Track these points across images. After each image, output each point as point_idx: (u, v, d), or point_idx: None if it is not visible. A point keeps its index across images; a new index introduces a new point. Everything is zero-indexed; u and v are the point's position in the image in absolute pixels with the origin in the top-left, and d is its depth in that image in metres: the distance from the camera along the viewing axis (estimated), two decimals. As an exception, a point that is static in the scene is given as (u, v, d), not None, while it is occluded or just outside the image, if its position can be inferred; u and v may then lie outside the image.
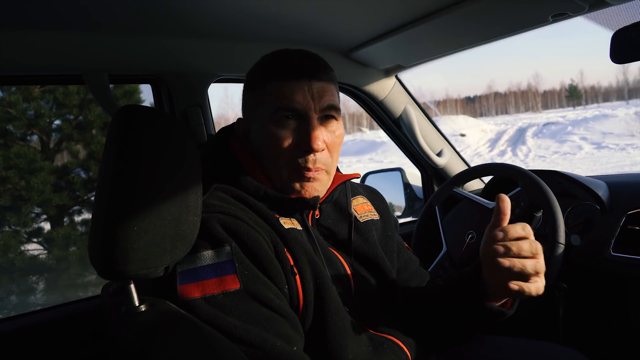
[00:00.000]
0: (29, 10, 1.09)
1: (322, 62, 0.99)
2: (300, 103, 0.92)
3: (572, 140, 21.60)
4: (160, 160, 0.77)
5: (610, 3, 1.14)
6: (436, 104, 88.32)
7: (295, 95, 0.92)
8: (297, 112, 0.92)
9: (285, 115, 0.93)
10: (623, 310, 1.41)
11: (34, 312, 1.30)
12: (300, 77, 0.93)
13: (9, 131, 6.64)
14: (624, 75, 77.31)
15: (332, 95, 0.96)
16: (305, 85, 0.93)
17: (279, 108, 0.92)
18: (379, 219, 1.14)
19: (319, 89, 0.94)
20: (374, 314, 1.00)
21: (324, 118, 0.96)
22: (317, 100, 0.93)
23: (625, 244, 1.36)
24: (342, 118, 1.02)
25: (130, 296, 0.76)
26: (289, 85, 0.93)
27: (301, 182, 0.95)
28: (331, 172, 0.99)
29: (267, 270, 0.84)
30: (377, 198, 1.19)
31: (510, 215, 1.39)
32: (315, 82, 0.94)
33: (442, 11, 1.28)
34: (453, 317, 1.00)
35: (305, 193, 0.95)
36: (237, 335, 0.78)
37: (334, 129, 0.97)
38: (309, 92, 0.93)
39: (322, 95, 0.94)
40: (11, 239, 6.34)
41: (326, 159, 0.96)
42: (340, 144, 1.00)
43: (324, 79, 0.95)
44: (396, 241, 1.16)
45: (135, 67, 1.37)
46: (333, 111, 0.96)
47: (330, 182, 1.01)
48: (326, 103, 0.94)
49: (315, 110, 0.93)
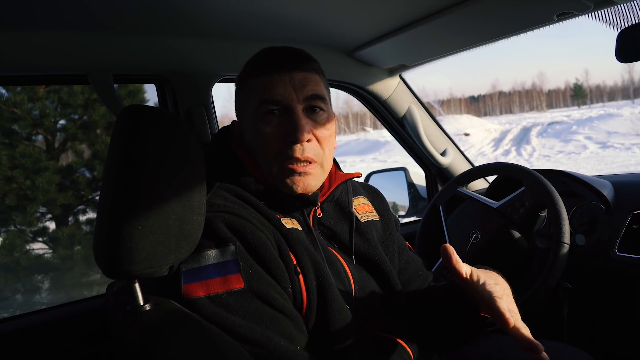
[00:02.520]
0: (33, 11, 1.09)
1: (303, 53, 0.98)
2: (282, 94, 0.91)
3: (577, 140, 21.51)
4: (165, 159, 0.77)
5: (615, 2, 1.14)
6: (440, 103, 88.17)
7: (277, 88, 0.92)
8: (279, 104, 0.92)
9: (270, 110, 0.92)
10: (628, 310, 1.41)
11: (38, 311, 1.31)
12: (281, 68, 0.92)
13: (14, 131, 6.69)
14: (630, 75, 77.06)
15: (315, 85, 0.94)
16: (287, 77, 0.92)
17: (261, 102, 0.92)
18: (379, 220, 1.13)
19: (301, 79, 0.93)
20: (376, 314, 1.00)
21: (310, 110, 0.94)
22: (299, 90, 0.92)
23: (631, 244, 1.35)
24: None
25: (135, 295, 0.76)
26: (270, 77, 0.92)
27: (292, 177, 0.93)
28: (325, 166, 0.97)
29: (271, 269, 0.84)
30: (377, 198, 1.18)
31: (514, 215, 1.40)
32: (297, 73, 0.93)
33: (446, 10, 1.28)
34: (448, 322, 1.01)
35: (298, 188, 0.94)
36: (241, 334, 0.78)
37: (322, 120, 0.95)
38: (290, 83, 0.92)
39: (304, 85, 0.93)
40: (16, 238, 6.38)
41: (316, 150, 0.94)
42: (331, 136, 0.98)
43: (306, 69, 0.95)
44: (397, 241, 1.14)
45: (140, 67, 1.37)
46: (318, 100, 0.94)
47: (325, 176, 0.99)
48: (309, 92, 0.93)
49: (298, 100, 0.92)
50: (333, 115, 1.01)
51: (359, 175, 1.08)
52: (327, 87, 1.01)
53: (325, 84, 1.00)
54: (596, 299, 1.48)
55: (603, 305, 1.47)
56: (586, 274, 1.42)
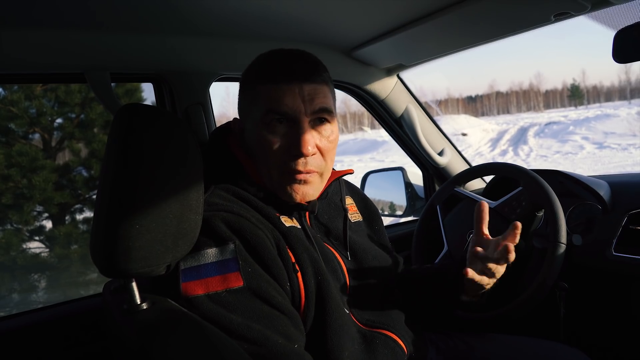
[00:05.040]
0: (31, 9, 1.09)
1: (315, 63, 0.97)
2: (290, 107, 0.91)
3: (574, 140, 21.56)
4: (162, 158, 0.77)
5: (612, 2, 1.14)
6: (438, 103, 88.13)
7: (285, 99, 0.91)
8: (286, 115, 0.91)
9: (276, 119, 0.92)
10: (624, 309, 1.41)
11: (35, 310, 1.30)
12: (291, 79, 0.91)
13: (11, 129, 6.65)
14: (626, 75, 77.27)
15: (324, 98, 0.94)
16: (296, 88, 0.91)
17: (268, 110, 0.92)
18: (362, 220, 1.16)
19: (311, 92, 0.92)
20: (369, 308, 1.02)
21: (317, 121, 0.94)
22: (308, 103, 0.91)
23: (627, 244, 1.36)
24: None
25: (132, 294, 0.76)
26: (280, 87, 0.91)
27: (292, 185, 0.94)
28: (325, 175, 0.98)
29: (269, 268, 0.85)
30: (358, 197, 1.21)
31: (512, 214, 1.40)
32: (307, 85, 0.92)
33: (443, 10, 1.28)
34: (431, 303, 1.14)
35: (297, 197, 0.94)
36: (239, 333, 0.79)
37: (327, 133, 0.96)
38: (299, 95, 0.91)
39: (313, 98, 0.92)
40: (13, 237, 6.35)
41: (319, 163, 0.95)
42: (334, 147, 0.98)
43: (316, 80, 0.94)
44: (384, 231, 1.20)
45: (137, 66, 1.37)
46: (325, 114, 0.94)
47: (322, 186, 1.00)
48: (317, 106, 0.92)
49: (306, 113, 0.91)
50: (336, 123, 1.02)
51: (350, 172, 1.09)
52: (334, 96, 1.02)
53: (333, 94, 1.00)
54: (593, 299, 1.48)
55: (600, 305, 1.48)
56: (583, 274, 1.43)
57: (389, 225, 2.06)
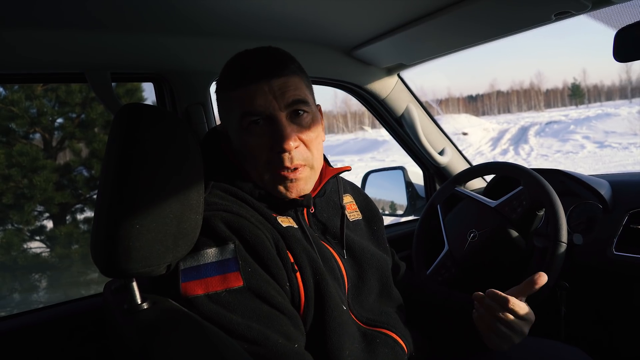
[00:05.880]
0: (31, 8, 1.09)
1: (280, 56, 0.96)
2: (263, 105, 0.90)
3: (574, 139, 21.56)
4: (163, 158, 0.77)
5: (613, 1, 1.14)
6: (438, 102, 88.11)
7: (257, 99, 0.90)
8: (262, 115, 0.91)
9: (253, 121, 0.91)
10: (625, 309, 1.41)
11: (36, 310, 1.30)
12: (259, 78, 0.90)
13: (11, 129, 6.66)
14: (627, 74, 77.25)
15: (295, 90, 0.92)
16: (265, 86, 0.90)
17: (243, 114, 0.91)
18: (362, 219, 1.15)
19: (281, 86, 0.91)
20: (367, 307, 1.01)
21: (293, 114, 0.93)
22: (280, 98, 0.91)
23: (628, 243, 1.36)
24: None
25: (133, 294, 0.76)
26: (249, 89, 0.90)
27: (284, 184, 0.94)
28: (315, 166, 0.97)
29: (269, 267, 0.85)
30: (359, 196, 1.20)
31: (512, 214, 1.40)
32: (275, 80, 0.91)
33: (444, 10, 1.28)
34: (444, 331, 1.11)
35: (291, 194, 0.95)
36: (239, 332, 0.78)
37: (307, 123, 0.94)
38: (270, 91, 0.90)
39: (284, 92, 0.91)
40: (14, 237, 6.36)
41: (305, 155, 0.94)
42: (317, 137, 0.97)
43: (284, 74, 0.92)
44: (384, 233, 1.19)
45: (138, 66, 1.37)
46: (300, 105, 0.93)
47: (316, 176, 0.99)
48: (290, 99, 0.91)
49: (280, 108, 0.91)
50: (318, 111, 1.00)
51: (348, 169, 1.09)
52: (309, 85, 1.00)
53: (307, 83, 0.98)
54: (593, 298, 1.48)
55: (600, 304, 1.48)
56: (583, 273, 1.43)
57: (390, 224, 2.06)
